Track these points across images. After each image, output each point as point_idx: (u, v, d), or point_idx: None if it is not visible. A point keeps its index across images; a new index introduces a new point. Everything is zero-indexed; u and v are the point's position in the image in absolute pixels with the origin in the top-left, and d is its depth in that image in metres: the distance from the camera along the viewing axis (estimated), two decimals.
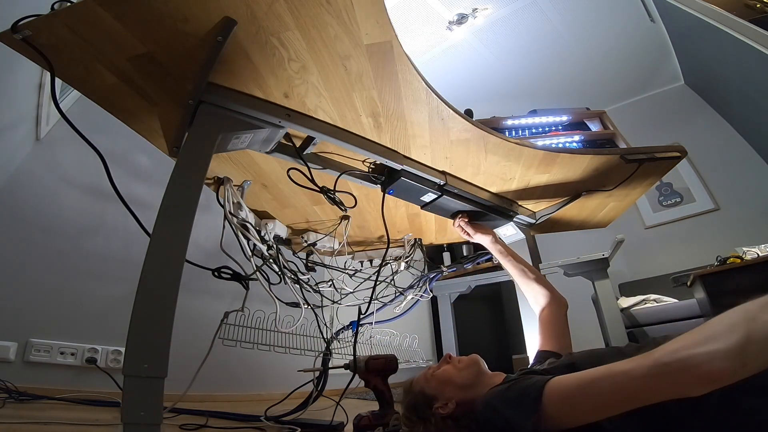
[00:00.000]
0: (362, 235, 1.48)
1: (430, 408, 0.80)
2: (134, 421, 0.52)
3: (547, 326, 1.01)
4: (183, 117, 0.80)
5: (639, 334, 2.34)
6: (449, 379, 0.79)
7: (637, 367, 0.48)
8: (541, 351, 0.96)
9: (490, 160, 1.06)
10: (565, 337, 0.99)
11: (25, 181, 1.63)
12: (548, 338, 0.98)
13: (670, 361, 0.45)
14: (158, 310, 0.58)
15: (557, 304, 1.04)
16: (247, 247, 1.07)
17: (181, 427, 1.02)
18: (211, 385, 1.74)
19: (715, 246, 2.45)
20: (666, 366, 0.45)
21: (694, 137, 3.21)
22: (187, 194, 0.67)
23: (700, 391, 0.43)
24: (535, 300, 1.08)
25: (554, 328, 0.99)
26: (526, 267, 1.14)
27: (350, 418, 1.01)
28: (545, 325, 1.01)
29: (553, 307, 1.04)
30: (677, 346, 0.46)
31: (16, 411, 1.10)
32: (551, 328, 1.00)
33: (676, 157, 1.16)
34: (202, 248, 1.28)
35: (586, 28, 3.08)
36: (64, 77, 0.72)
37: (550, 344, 0.96)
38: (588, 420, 0.54)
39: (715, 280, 1.92)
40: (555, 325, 1.00)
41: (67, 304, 1.60)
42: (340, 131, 0.90)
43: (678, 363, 0.44)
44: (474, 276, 2.60)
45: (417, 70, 0.77)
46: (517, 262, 1.16)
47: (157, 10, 0.61)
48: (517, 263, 1.16)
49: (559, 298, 1.06)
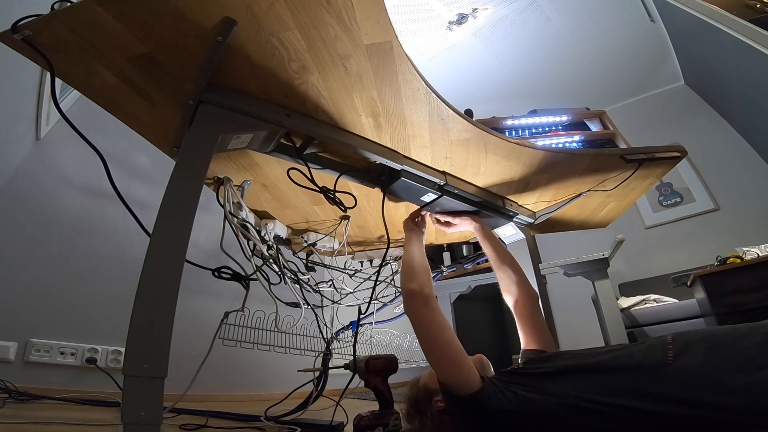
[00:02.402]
0: (362, 235, 1.48)
1: (430, 401, 0.83)
2: (134, 421, 0.52)
3: (525, 322, 1.00)
4: (183, 117, 0.80)
5: (639, 334, 2.34)
6: None
7: None
8: (525, 350, 0.96)
9: (490, 160, 1.06)
10: (545, 331, 0.98)
11: (25, 181, 1.63)
12: (530, 335, 0.97)
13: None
14: (158, 310, 0.58)
15: (528, 296, 1.03)
16: (247, 247, 1.07)
17: (181, 427, 1.02)
18: (211, 385, 1.74)
19: (715, 246, 2.45)
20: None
21: (694, 137, 3.21)
22: (187, 194, 0.67)
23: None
24: (508, 289, 1.06)
25: (533, 323, 0.99)
26: (503, 252, 1.13)
27: (350, 418, 1.01)
28: (523, 321, 1.01)
29: (526, 299, 1.02)
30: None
31: (16, 411, 1.10)
32: (530, 323, 0.99)
33: (676, 157, 1.16)
34: (202, 248, 1.28)
35: (586, 28, 3.09)
36: (64, 77, 0.72)
37: (533, 341, 0.96)
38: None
39: (715, 280, 1.92)
40: (532, 319, 1.00)
41: (67, 304, 1.60)
42: (340, 131, 0.90)
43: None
44: (474, 276, 2.60)
45: (417, 70, 0.77)
46: (496, 246, 1.14)
47: (157, 10, 0.61)
48: (496, 247, 1.14)
49: (530, 290, 1.05)
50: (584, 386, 0.63)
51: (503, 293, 1.09)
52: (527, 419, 0.65)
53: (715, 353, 0.57)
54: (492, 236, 1.17)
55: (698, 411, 0.53)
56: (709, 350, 0.58)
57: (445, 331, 0.79)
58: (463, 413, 0.73)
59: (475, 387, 0.70)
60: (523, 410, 0.66)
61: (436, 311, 0.82)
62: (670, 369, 0.58)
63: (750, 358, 0.53)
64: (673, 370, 0.58)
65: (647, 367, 0.60)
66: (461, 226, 1.21)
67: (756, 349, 0.54)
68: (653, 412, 0.56)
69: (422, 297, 0.84)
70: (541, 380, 0.69)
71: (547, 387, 0.67)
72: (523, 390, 0.68)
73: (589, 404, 0.60)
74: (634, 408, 0.57)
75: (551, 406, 0.64)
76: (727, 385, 0.52)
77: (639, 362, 0.62)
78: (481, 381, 0.71)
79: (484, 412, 0.69)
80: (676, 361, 0.58)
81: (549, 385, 0.67)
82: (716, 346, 0.58)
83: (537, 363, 0.79)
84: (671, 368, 0.58)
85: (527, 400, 0.66)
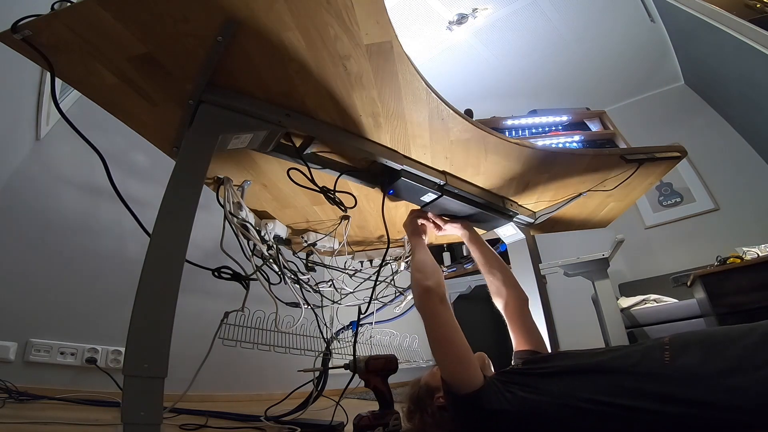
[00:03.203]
0: (362, 235, 1.48)
1: (431, 398, 0.84)
2: (134, 421, 0.52)
3: (517, 324, 1.01)
4: (183, 117, 0.80)
5: (639, 334, 2.34)
6: None
7: None
8: (518, 351, 0.97)
9: (490, 160, 1.06)
10: (536, 332, 1.00)
11: (25, 181, 1.62)
12: (521, 336, 0.99)
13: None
14: (158, 310, 0.58)
15: (518, 298, 1.04)
16: (247, 247, 1.07)
17: (181, 427, 1.02)
18: (211, 385, 1.74)
19: (715, 246, 2.45)
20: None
21: (694, 137, 3.21)
22: (187, 194, 0.67)
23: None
24: (498, 292, 1.07)
25: (524, 325, 1.00)
26: (492, 257, 1.13)
27: (350, 418, 1.01)
28: (514, 322, 1.02)
29: (516, 300, 1.04)
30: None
31: (16, 411, 1.10)
32: (522, 325, 1.00)
33: (676, 157, 1.16)
34: (202, 248, 1.28)
35: (586, 28, 3.09)
36: (64, 77, 0.72)
37: (525, 342, 0.97)
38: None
39: (715, 280, 1.92)
40: (524, 321, 1.01)
41: (67, 304, 1.60)
42: (340, 131, 0.90)
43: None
44: (474, 276, 2.59)
45: (417, 70, 0.77)
46: (484, 251, 1.15)
47: (157, 10, 0.61)
48: (484, 251, 1.14)
49: (521, 292, 1.06)
50: (583, 386, 0.63)
51: (493, 297, 1.10)
52: (526, 420, 0.66)
53: (711, 354, 0.57)
54: (480, 241, 1.18)
55: (697, 410, 0.53)
56: (706, 351, 0.58)
57: (456, 330, 0.81)
58: (463, 413, 0.74)
59: (476, 386, 0.70)
60: (522, 411, 0.66)
61: (450, 309, 0.84)
62: (668, 369, 0.58)
63: (746, 357, 0.53)
64: (670, 370, 0.58)
65: (645, 368, 0.61)
66: (449, 231, 1.22)
67: (753, 348, 0.54)
68: (651, 411, 0.56)
69: (439, 295, 0.85)
70: (540, 380, 0.69)
71: (546, 387, 0.67)
72: (522, 390, 0.68)
73: (587, 404, 0.60)
74: (632, 408, 0.57)
75: (550, 406, 0.64)
76: (724, 384, 0.52)
77: (636, 363, 0.62)
78: (483, 380, 0.71)
79: (483, 412, 0.69)
80: (673, 362, 0.59)
81: (548, 385, 0.67)
82: (713, 347, 0.58)
83: (536, 363, 0.79)
84: (668, 368, 0.58)
85: (526, 400, 0.66)
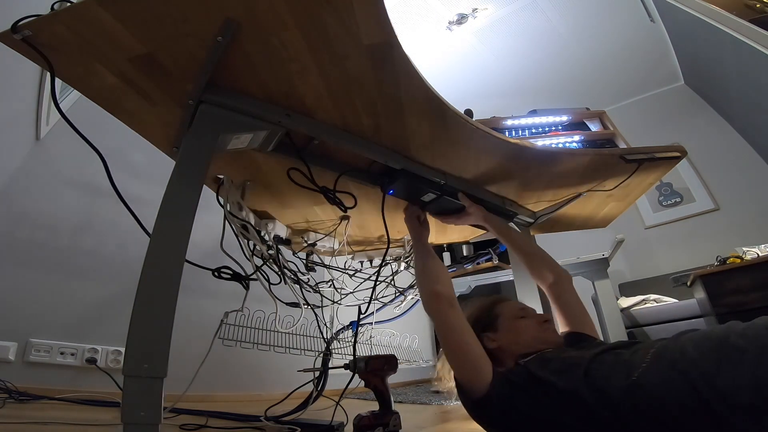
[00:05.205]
0: (362, 235, 1.48)
1: (482, 331, 0.85)
2: (134, 421, 0.52)
3: (564, 305, 0.97)
4: (183, 117, 0.80)
5: (639, 334, 2.34)
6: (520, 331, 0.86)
7: None
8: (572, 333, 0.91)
9: (491, 161, 1.06)
10: (584, 312, 0.95)
11: (25, 181, 1.63)
12: (570, 317, 0.94)
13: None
14: (158, 310, 0.58)
15: (563, 278, 1.01)
16: (247, 247, 1.07)
17: (181, 427, 1.02)
18: (211, 385, 1.74)
19: (715, 246, 2.45)
20: None
21: (694, 137, 3.22)
22: (187, 194, 0.67)
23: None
24: (541, 275, 1.03)
25: (573, 306, 0.96)
26: (525, 241, 1.11)
27: (350, 418, 1.01)
28: (563, 304, 0.97)
29: (563, 281, 1.00)
30: None
31: (16, 411, 1.10)
32: (570, 306, 0.96)
33: (676, 157, 1.16)
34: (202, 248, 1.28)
35: (586, 28, 3.09)
36: (64, 77, 0.72)
37: (574, 324, 0.93)
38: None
39: (715, 280, 1.93)
40: (571, 301, 0.97)
41: (67, 304, 1.60)
42: (340, 131, 0.90)
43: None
44: (474, 276, 2.60)
45: (417, 70, 0.77)
46: (516, 237, 1.11)
47: (157, 10, 0.61)
48: (516, 238, 1.11)
49: (562, 271, 1.02)
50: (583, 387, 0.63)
51: (536, 279, 1.05)
52: (527, 421, 0.66)
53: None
54: (505, 224, 1.15)
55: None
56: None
57: (468, 334, 0.78)
58: (475, 413, 0.75)
59: (486, 388, 0.71)
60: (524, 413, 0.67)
61: (460, 313, 0.81)
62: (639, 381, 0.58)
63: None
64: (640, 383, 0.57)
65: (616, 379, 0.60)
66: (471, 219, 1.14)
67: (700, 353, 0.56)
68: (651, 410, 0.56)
69: (448, 299, 0.82)
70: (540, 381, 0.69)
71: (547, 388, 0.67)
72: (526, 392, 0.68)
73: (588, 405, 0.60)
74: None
75: (551, 407, 0.64)
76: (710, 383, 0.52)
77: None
78: (491, 382, 0.71)
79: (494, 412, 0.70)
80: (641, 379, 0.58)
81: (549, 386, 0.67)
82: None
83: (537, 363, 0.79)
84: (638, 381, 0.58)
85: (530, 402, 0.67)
